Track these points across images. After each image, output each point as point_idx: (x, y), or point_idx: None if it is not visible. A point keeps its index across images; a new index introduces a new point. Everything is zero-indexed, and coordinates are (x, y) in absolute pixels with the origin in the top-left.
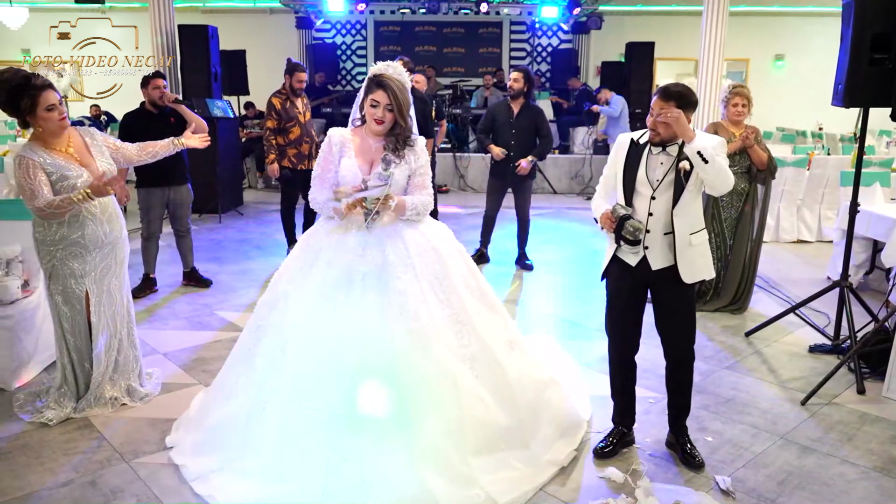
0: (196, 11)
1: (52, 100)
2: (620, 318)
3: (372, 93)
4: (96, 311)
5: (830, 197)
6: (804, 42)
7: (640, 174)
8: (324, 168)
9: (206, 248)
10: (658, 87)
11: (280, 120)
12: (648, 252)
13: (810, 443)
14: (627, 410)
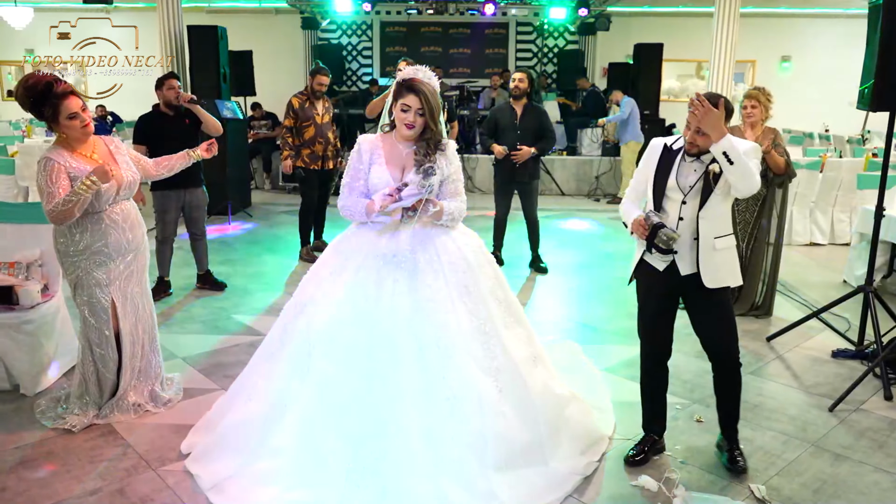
0: (201, 12)
1: (74, 107)
2: (650, 322)
3: (402, 97)
4: (123, 320)
5: (843, 199)
6: (811, 43)
7: (671, 181)
8: (353, 176)
9: (217, 251)
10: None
11: (296, 119)
12: (677, 257)
13: (842, 450)
14: (657, 417)
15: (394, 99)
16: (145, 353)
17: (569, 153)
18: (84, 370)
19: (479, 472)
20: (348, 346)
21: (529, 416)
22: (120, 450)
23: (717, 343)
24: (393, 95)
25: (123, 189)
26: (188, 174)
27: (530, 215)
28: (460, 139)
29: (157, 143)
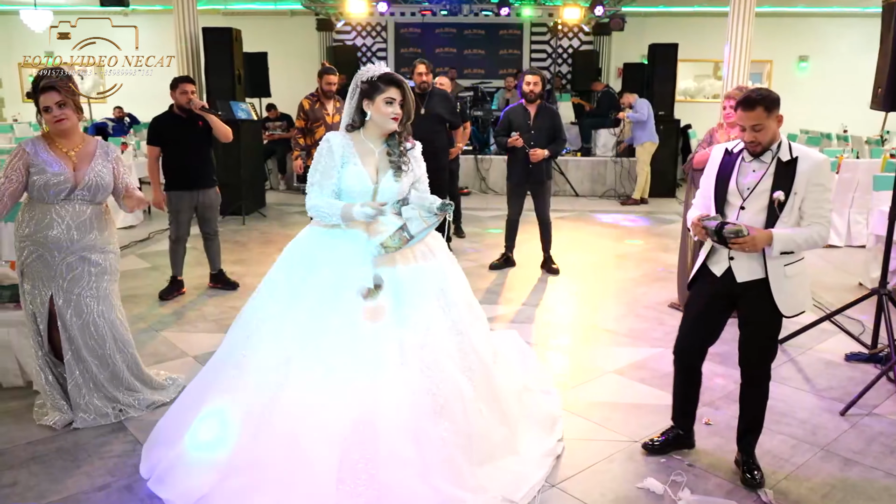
0: (217, 14)
1: (48, 101)
2: (692, 321)
3: (384, 91)
4: (62, 320)
5: (860, 201)
6: (829, 43)
7: (731, 184)
8: (324, 174)
9: (230, 251)
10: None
11: (307, 120)
12: (734, 263)
13: (852, 455)
14: (683, 414)
15: (368, 95)
16: (108, 362)
17: (583, 154)
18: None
19: (468, 470)
20: (330, 352)
21: (499, 410)
22: (129, 446)
23: (754, 354)
24: (365, 92)
25: (81, 189)
26: (202, 174)
27: (543, 216)
28: (474, 140)
29: (171, 145)
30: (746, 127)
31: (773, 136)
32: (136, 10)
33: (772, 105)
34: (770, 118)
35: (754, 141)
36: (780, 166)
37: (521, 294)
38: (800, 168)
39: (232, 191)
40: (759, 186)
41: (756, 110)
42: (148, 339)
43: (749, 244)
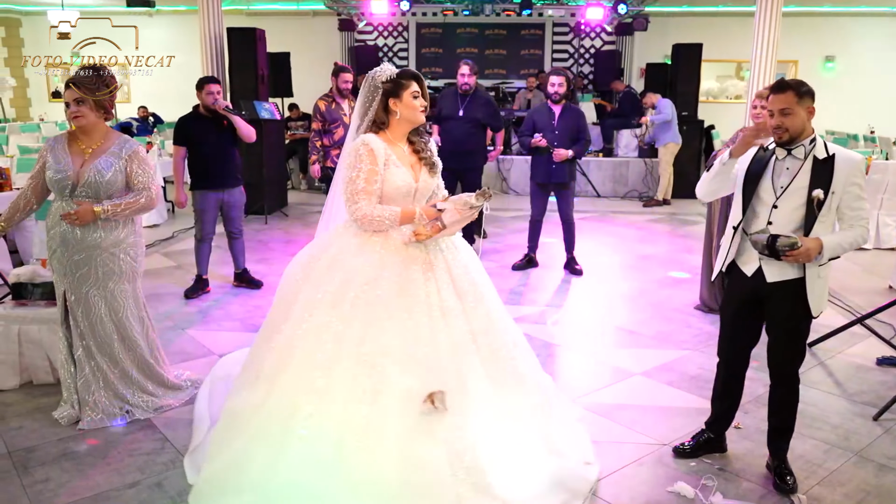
0: (241, 14)
1: (68, 98)
2: (729, 325)
3: (409, 87)
4: (73, 315)
5: (890, 203)
6: (856, 43)
7: (766, 181)
8: (369, 180)
9: (253, 249)
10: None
11: (324, 122)
12: (764, 263)
13: (887, 461)
14: (719, 419)
15: (393, 94)
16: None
17: (605, 154)
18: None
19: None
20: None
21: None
22: (158, 444)
23: (781, 356)
24: (390, 91)
25: (82, 186)
26: (227, 173)
27: (566, 217)
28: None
29: (196, 145)
30: (775, 112)
31: (801, 127)
32: (160, 11)
33: (803, 92)
34: (800, 105)
35: (781, 126)
36: (817, 164)
37: (545, 295)
38: (838, 166)
39: (255, 190)
40: (793, 184)
41: (786, 93)
42: (175, 336)
43: (803, 255)
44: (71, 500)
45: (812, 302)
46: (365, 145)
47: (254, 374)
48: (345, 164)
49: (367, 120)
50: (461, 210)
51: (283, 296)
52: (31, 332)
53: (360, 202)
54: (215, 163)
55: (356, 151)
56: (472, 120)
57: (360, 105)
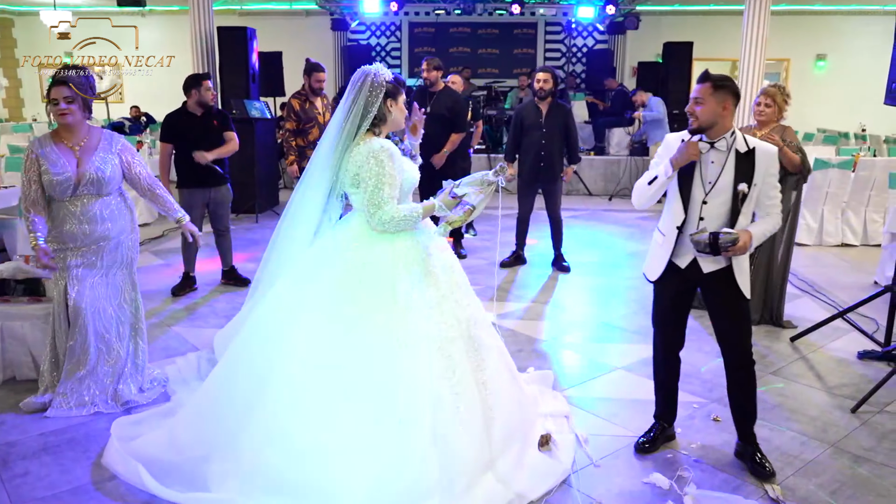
0: (233, 14)
1: (57, 95)
2: (665, 314)
3: (402, 94)
4: (74, 309)
5: (877, 199)
6: (847, 41)
7: (695, 178)
8: (392, 184)
9: (243, 248)
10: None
11: (299, 121)
12: (698, 255)
13: (863, 452)
14: (668, 406)
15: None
16: (112, 352)
17: (596, 153)
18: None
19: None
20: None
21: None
22: None
23: (735, 339)
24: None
25: (84, 184)
26: (214, 172)
27: (554, 214)
28: (487, 139)
29: (184, 143)
30: (691, 99)
31: (711, 118)
32: (153, 11)
33: (720, 87)
34: (714, 97)
35: (692, 113)
36: (740, 157)
37: (532, 291)
38: (758, 159)
39: (246, 189)
40: (721, 180)
41: (704, 84)
42: (160, 333)
43: (742, 249)
44: (50, 493)
45: (742, 285)
46: (385, 150)
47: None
48: (362, 170)
49: (369, 117)
50: (483, 189)
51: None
52: (15, 329)
53: (387, 207)
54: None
55: (377, 159)
56: (438, 117)
57: (358, 104)
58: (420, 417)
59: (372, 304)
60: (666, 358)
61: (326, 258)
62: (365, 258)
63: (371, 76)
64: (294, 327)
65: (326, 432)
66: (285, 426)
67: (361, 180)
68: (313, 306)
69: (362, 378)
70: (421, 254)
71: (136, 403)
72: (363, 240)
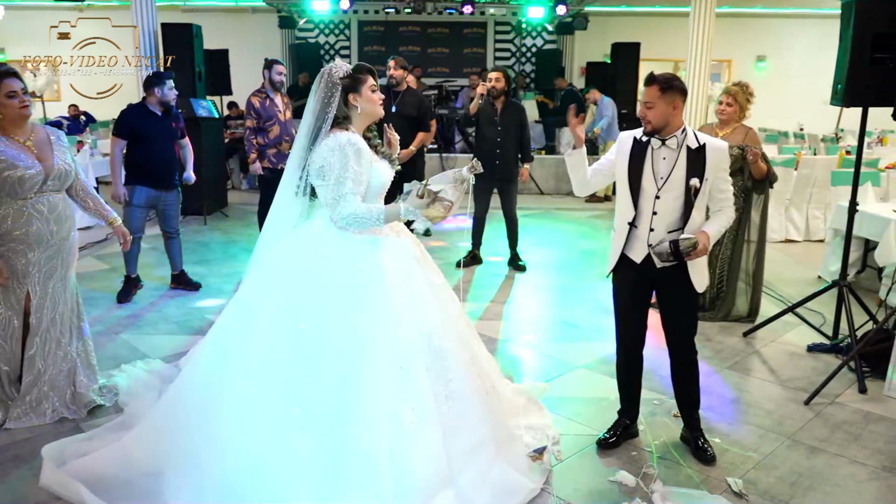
0: (177, 10)
1: (14, 87)
2: (624, 311)
3: (367, 81)
4: (37, 315)
5: (818, 196)
6: (785, 43)
7: (647, 173)
8: (357, 181)
9: (192, 251)
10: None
11: (259, 119)
12: (653, 250)
13: (818, 443)
14: (631, 403)
15: (353, 89)
16: (69, 354)
17: (547, 152)
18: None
19: None
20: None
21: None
22: None
23: (682, 334)
24: (349, 87)
25: (52, 179)
26: (167, 174)
27: (509, 213)
28: (438, 138)
29: (139, 139)
30: (642, 102)
31: (663, 120)
32: (91, 6)
33: (667, 88)
34: (663, 99)
35: (644, 117)
36: (691, 153)
37: (489, 291)
38: (709, 155)
39: (193, 190)
40: (673, 175)
41: (651, 87)
42: (107, 341)
43: (703, 251)
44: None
45: (696, 281)
46: (352, 145)
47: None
48: (327, 162)
49: (329, 117)
50: (457, 187)
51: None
52: None
53: (347, 202)
54: (158, 160)
55: (342, 151)
56: (405, 116)
57: (317, 103)
58: (374, 432)
59: (327, 317)
60: (628, 352)
61: (286, 264)
62: (321, 268)
63: (326, 75)
64: (250, 339)
65: (279, 446)
66: (239, 440)
67: (325, 173)
68: (269, 317)
69: (315, 392)
70: (379, 262)
71: (96, 404)
72: (321, 247)
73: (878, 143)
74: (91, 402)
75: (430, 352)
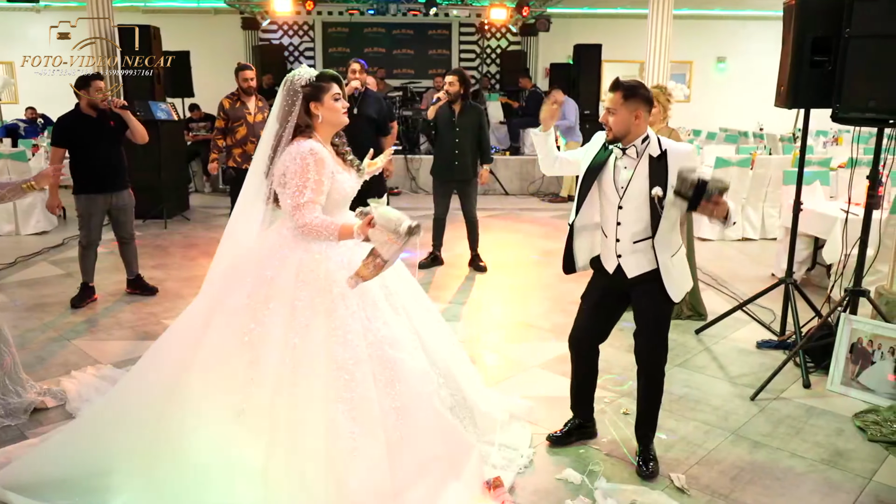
0: (137, 11)
1: None
2: (588, 308)
3: (329, 89)
4: None
5: (773, 195)
6: (744, 44)
7: (608, 180)
8: (317, 190)
9: (150, 255)
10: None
11: (227, 120)
12: (622, 260)
13: (761, 437)
14: (583, 403)
15: (314, 97)
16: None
17: (511, 153)
18: None
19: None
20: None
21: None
22: None
23: (646, 345)
24: (310, 95)
25: None
26: (114, 176)
27: (469, 215)
28: (403, 139)
29: (80, 147)
30: (606, 108)
31: (625, 128)
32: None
33: (631, 95)
34: (625, 107)
35: (607, 123)
36: (653, 162)
37: (449, 292)
38: (670, 161)
39: (153, 194)
40: (632, 184)
41: (615, 93)
42: (58, 348)
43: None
44: None
45: (671, 289)
46: (313, 153)
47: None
48: (288, 170)
49: (290, 125)
50: (395, 240)
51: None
52: None
53: (305, 211)
54: (102, 165)
55: (302, 160)
56: (366, 119)
57: (280, 109)
58: (311, 442)
59: (272, 320)
60: (580, 343)
61: (242, 269)
62: (274, 270)
63: (288, 83)
64: (200, 341)
65: (217, 451)
66: (180, 443)
67: (287, 180)
68: (221, 321)
69: (255, 398)
70: (328, 269)
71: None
72: (275, 250)
73: (833, 143)
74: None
75: (380, 362)
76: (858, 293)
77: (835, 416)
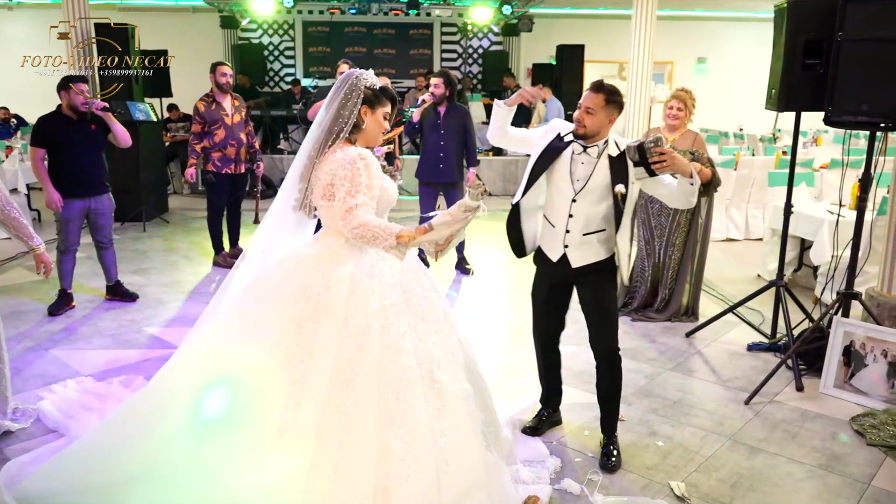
0: (113, 9)
1: None
2: (541, 306)
3: (385, 105)
4: None
5: (757, 196)
6: (724, 46)
7: (563, 172)
8: (371, 194)
9: (130, 260)
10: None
11: (204, 123)
12: (569, 251)
13: (757, 443)
14: (552, 394)
15: (371, 104)
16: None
17: (494, 153)
18: None
19: None
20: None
21: None
22: None
23: (599, 331)
24: (369, 100)
25: None
26: (92, 180)
27: None
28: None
29: (59, 149)
30: (582, 106)
31: (598, 128)
32: (21, 4)
33: (612, 100)
34: (604, 110)
35: (581, 121)
36: (613, 161)
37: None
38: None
39: (131, 196)
40: (591, 180)
41: (598, 94)
42: (35, 358)
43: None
44: None
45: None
46: (362, 158)
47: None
48: (337, 176)
49: (349, 122)
50: (453, 213)
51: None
52: None
53: (360, 212)
54: (81, 168)
55: (352, 164)
56: None
57: (335, 102)
58: (362, 467)
59: (319, 339)
60: (544, 344)
61: (279, 282)
62: (320, 286)
63: (351, 79)
64: (232, 358)
65: (256, 474)
66: (212, 463)
67: (336, 188)
68: (258, 335)
69: (299, 420)
70: (381, 284)
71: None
72: (323, 263)
73: (813, 143)
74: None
75: (430, 385)
76: (850, 296)
77: (829, 420)
